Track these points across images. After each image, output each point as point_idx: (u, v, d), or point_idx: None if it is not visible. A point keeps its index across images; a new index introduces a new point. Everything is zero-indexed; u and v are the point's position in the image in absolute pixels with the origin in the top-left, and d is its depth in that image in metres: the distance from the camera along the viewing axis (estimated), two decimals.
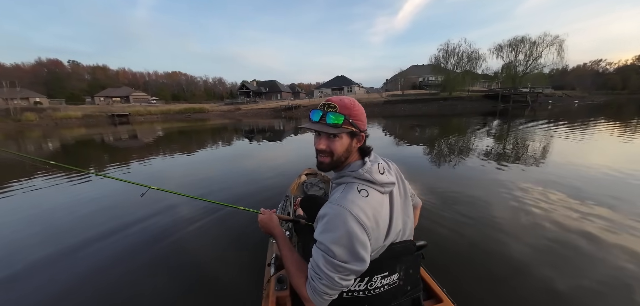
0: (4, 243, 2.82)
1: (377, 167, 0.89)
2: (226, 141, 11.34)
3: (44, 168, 5.81)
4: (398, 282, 0.94)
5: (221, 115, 39.49)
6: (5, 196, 4.38)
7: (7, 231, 3.10)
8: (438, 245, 2.36)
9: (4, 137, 18.21)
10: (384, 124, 16.35)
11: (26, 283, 2.13)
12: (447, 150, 7.21)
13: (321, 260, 0.80)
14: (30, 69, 66.38)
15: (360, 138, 0.91)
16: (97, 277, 2.16)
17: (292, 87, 76.83)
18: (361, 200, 0.81)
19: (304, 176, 2.95)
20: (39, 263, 2.37)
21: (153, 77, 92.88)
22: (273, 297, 1.13)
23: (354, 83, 54.13)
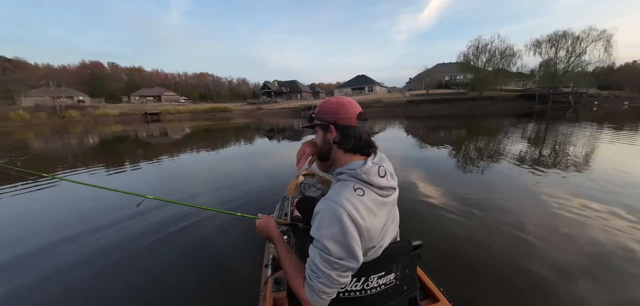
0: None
1: (377, 170, 0.87)
2: (247, 140, 11.48)
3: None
4: (394, 282, 0.94)
5: (244, 114, 40.59)
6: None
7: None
8: (447, 246, 2.36)
9: (51, 132, 20.18)
10: (406, 125, 15.66)
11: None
12: (474, 153, 6.73)
13: (317, 257, 0.80)
14: (75, 70, 73.02)
15: (330, 130, 0.93)
16: (91, 291, 2.03)
17: (312, 87, 77.09)
18: (355, 198, 0.81)
19: (302, 176, 2.92)
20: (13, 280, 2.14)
21: (183, 77, 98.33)
22: (270, 298, 1.13)
23: (375, 82, 52.94)
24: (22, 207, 3.84)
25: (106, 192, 1.68)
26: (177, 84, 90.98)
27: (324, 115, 0.95)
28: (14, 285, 2.09)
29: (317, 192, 2.51)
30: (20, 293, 2.00)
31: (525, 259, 2.15)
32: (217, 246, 2.52)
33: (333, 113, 0.93)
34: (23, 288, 2.06)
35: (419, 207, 3.26)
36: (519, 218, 2.85)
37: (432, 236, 2.56)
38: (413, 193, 3.72)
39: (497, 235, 2.53)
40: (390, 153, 7.15)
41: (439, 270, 1.93)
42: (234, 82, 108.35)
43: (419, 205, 3.30)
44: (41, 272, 2.24)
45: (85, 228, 3.00)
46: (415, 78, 52.79)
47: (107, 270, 2.24)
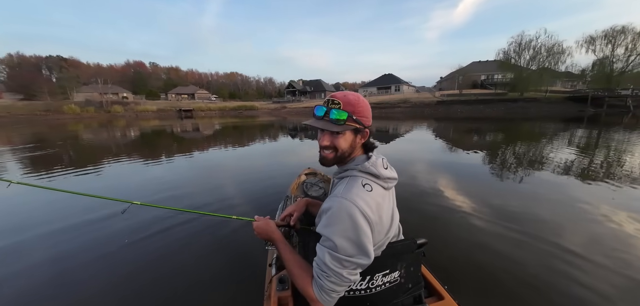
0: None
1: (381, 161, 0.89)
2: (271, 138, 11.59)
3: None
4: (399, 280, 0.94)
5: (268, 112, 41.56)
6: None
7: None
8: (477, 256, 2.27)
9: (98, 124, 22.30)
10: (435, 127, 14.73)
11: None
12: (511, 159, 6.10)
13: (327, 256, 0.78)
14: (120, 69, 79.67)
15: (365, 134, 0.90)
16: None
17: (337, 86, 76.64)
18: (365, 193, 0.80)
19: (304, 176, 2.92)
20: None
21: (214, 77, 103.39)
22: (275, 298, 1.12)
23: (402, 81, 50.94)
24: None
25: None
26: (209, 83, 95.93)
27: (363, 118, 0.87)
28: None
29: (320, 191, 2.49)
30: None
31: (562, 277, 1.97)
32: (221, 246, 2.49)
33: (370, 116, 0.90)
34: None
35: (444, 212, 3.11)
36: (556, 231, 2.64)
37: (460, 244, 2.43)
38: (438, 198, 3.56)
39: (530, 249, 2.35)
40: (416, 156, 6.82)
41: (472, 287, 1.88)
42: (261, 81, 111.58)
43: (443, 211, 3.15)
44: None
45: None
46: (447, 78, 49.86)
47: (108, 277, 2.13)
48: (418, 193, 3.77)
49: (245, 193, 3.95)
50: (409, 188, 4.00)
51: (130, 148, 9.05)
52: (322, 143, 0.89)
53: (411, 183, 4.26)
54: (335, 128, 0.84)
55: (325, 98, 0.89)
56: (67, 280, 2.09)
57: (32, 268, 2.23)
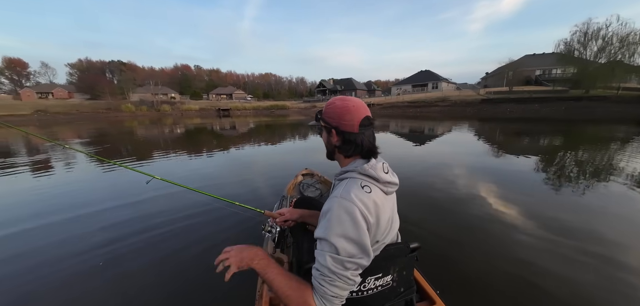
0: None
1: (382, 166, 0.90)
2: (301, 136, 11.53)
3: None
4: (391, 284, 0.94)
5: (299, 111, 42.13)
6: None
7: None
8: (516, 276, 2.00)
9: (150, 121, 24.76)
10: (478, 128, 13.26)
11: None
12: (570, 167, 5.25)
13: (329, 261, 0.77)
14: (169, 72, 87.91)
15: (332, 133, 0.93)
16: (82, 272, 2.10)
17: (368, 84, 74.73)
18: (364, 195, 0.81)
19: (301, 176, 2.87)
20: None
21: (250, 77, 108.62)
22: (266, 297, 1.11)
23: (441, 78, 47.55)
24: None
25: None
26: (245, 84, 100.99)
27: (329, 118, 0.93)
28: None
29: (316, 192, 2.49)
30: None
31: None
32: (213, 241, 2.45)
33: (337, 118, 0.92)
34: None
35: (481, 222, 2.81)
36: (621, 251, 2.26)
37: (498, 259, 2.16)
38: (475, 206, 3.23)
39: (585, 270, 2.03)
40: (451, 158, 6.16)
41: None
42: (293, 81, 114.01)
43: (481, 220, 2.85)
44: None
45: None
46: (494, 73, 45.10)
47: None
48: (452, 200, 3.43)
49: (271, 186, 4.06)
50: (441, 193, 3.67)
51: (176, 143, 9.80)
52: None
53: (445, 188, 3.88)
54: (314, 124, 1.01)
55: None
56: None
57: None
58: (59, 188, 4.27)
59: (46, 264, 2.20)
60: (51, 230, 2.81)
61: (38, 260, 2.27)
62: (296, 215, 1.25)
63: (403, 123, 16.99)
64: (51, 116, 32.28)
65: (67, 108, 36.56)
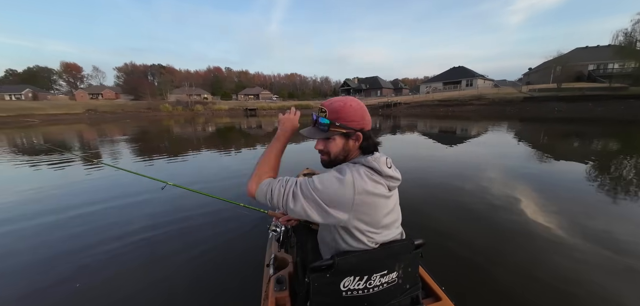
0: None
1: (385, 160, 0.89)
2: None
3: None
4: (397, 280, 0.94)
5: None
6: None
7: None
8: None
9: (184, 120, 26.42)
10: (519, 129, 12.04)
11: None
12: (628, 174, 4.67)
13: (301, 182, 0.81)
14: (203, 74, 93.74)
15: (357, 137, 0.90)
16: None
17: (395, 82, 72.34)
18: (364, 174, 0.82)
19: (302, 176, 2.60)
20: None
21: (276, 78, 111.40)
22: (272, 298, 1.11)
23: (476, 74, 44.30)
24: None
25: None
26: (271, 84, 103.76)
27: (352, 123, 0.88)
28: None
29: None
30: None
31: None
32: (219, 244, 2.45)
33: (360, 120, 0.89)
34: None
35: (521, 234, 2.58)
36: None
37: (548, 280, 1.92)
38: (513, 213, 3.00)
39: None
40: (484, 160, 5.73)
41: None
42: (317, 81, 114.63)
43: (521, 229, 2.65)
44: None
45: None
46: (539, 69, 40.85)
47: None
48: (488, 206, 3.23)
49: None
50: (471, 196, 3.51)
51: (208, 141, 10.36)
52: (316, 147, 0.94)
53: (474, 191, 3.68)
54: (319, 135, 0.90)
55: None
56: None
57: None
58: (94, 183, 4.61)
59: (97, 245, 2.50)
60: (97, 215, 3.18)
61: (91, 241, 2.58)
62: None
63: (432, 123, 16.07)
64: (100, 114, 35.91)
65: (114, 107, 40.45)
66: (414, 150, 7.40)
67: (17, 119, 28.00)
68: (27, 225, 2.93)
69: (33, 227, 2.89)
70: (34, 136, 13.64)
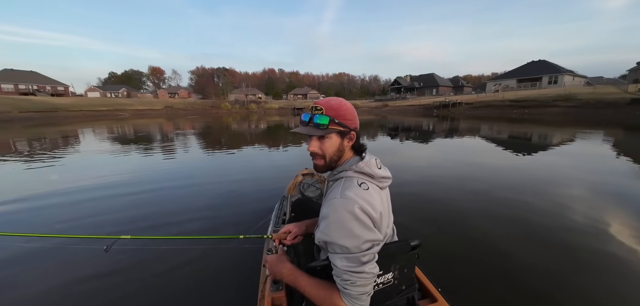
0: None
1: (375, 161, 0.90)
2: (370, 137, 10.86)
3: None
4: (393, 281, 0.95)
5: (368, 111, 40.77)
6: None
7: None
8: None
9: (240, 118, 28.81)
10: (620, 139, 9.26)
11: None
12: None
13: (343, 261, 0.77)
14: (259, 75, 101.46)
15: (351, 136, 0.91)
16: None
17: (455, 80, 65.34)
18: (363, 192, 0.81)
19: (301, 176, 2.86)
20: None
21: (325, 78, 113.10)
22: (268, 298, 1.12)
23: (562, 70, 36.60)
24: None
25: None
26: (320, 84, 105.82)
27: (347, 121, 0.88)
28: None
29: (317, 192, 2.51)
30: None
31: None
32: (214, 242, 2.29)
33: (354, 119, 0.90)
34: None
35: (616, 267, 2.05)
36: None
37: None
38: (605, 242, 2.40)
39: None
40: (567, 174, 4.66)
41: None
42: (366, 80, 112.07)
43: (615, 269, 2.05)
44: None
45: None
46: None
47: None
48: (562, 228, 2.66)
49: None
50: (546, 217, 2.92)
51: (259, 137, 10.96)
52: (309, 149, 0.90)
53: (550, 212, 3.05)
54: (318, 132, 0.86)
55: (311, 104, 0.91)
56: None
57: None
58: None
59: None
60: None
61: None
62: (303, 228, 1.19)
63: (500, 127, 13.73)
64: (174, 111, 41.82)
65: (186, 105, 46.68)
66: (471, 156, 6.30)
67: (113, 112, 34.40)
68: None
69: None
70: (125, 127, 16.56)
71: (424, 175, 4.68)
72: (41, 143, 9.28)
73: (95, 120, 23.63)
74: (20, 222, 2.94)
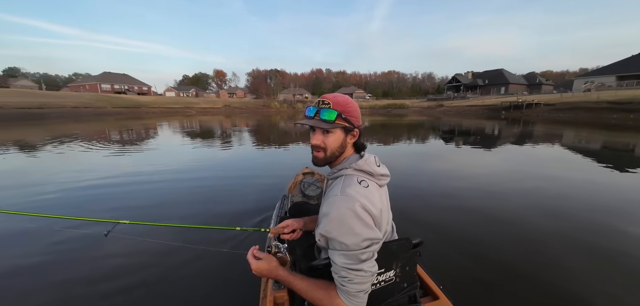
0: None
1: (374, 159, 0.92)
2: (420, 139, 10.00)
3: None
4: (394, 279, 0.95)
5: (419, 111, 38.06)
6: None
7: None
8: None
9: (287, 116, 30.14)
10: None
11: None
12: None
13: (342, 258, 0.77)
14: (307, 76, 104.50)
15: (354, 133, 0.92)
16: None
17: (530, 77, 56.03)
18: (363, 189, 0.82)
19: (301, 175, 2.84)
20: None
21: (372, 76, 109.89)
22: (270, 297, 1.12)
23: None
24: None
25: None
26: (366, 83, 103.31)
27: (352, 118, 0.89)
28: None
29: (317, 191, 2.50)
30: None
31: None
32: (216, 241, 2.32)
33: (359, 117, 0.92)
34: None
35: None
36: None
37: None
38: None
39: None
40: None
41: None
42: (418, 78, 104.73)
43: None
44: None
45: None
46: None
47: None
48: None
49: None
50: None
51: (301, 135, 11.21)
52: (313, 142, 0.91)
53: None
54: (325, 126, 0.86)
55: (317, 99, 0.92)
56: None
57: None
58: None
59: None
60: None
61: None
62: (301, 223, 1.17)
63: (592, 135, 11.05)
64: (232, 109, 46.02)
65: (241, 104, 51.04)
66: (545, 168, 5.11)
67: (183, 110, 39.65)
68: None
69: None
70: (191, 122, 18.86)
71: (481, 185, 4.08)
72: (128, 133, 11.20)
73: (168, 116, 27.92)
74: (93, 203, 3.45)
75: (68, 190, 3.78)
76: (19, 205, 3.26)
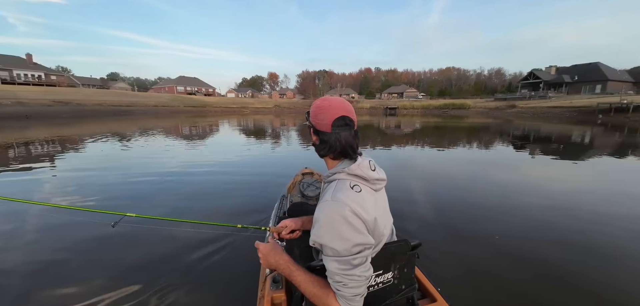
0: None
1: (368, 164, 0.91)
2: (483, 145, 8.76)
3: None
4: (392, 281, 0.96)
5: (484, 112, 33.79)
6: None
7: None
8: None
9: None
10: None
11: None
12: None
13: (334, 264, 0.77)
14: (355, 76, 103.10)
15: (315, 139, 0.95)
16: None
17: (636, 72, 44.40)
18: (355, 194, 0.82)
19: (301, 175, 2.79)
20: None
21: (427, 74, 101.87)
22: (268, 297, 1.12)
23: None
24: None
25: None
26: (420, 81, 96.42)
27: (316, 121, 0.93)
28: None
29: (316, 191, 2.47)
30: None
31: None
32: (214, 241, 2.35)
33: (314, 117, 0.93)
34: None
35: None
36: None
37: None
38: None
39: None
40: None
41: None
42: (483, 74, 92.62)
43: None
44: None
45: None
46: None
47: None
48: None
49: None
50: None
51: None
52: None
53: None
54: (308, 124, 0.96)
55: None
56: None
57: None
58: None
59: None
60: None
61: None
62: (300, 224, 1.19)
63: None
64: (281, 109, 48.55)
65: (289, 104, 53.55)
66: None
67: (239, 109, 43.66)
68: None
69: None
70: (245, 120, 20.54)
71: (560, 206, 3.26)
72: (196, 129, 12.73)
73: (227, 115, 31.30)
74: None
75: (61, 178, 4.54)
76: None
